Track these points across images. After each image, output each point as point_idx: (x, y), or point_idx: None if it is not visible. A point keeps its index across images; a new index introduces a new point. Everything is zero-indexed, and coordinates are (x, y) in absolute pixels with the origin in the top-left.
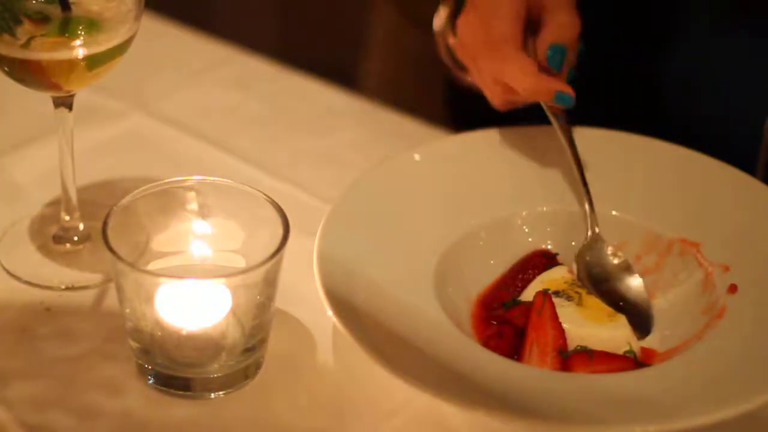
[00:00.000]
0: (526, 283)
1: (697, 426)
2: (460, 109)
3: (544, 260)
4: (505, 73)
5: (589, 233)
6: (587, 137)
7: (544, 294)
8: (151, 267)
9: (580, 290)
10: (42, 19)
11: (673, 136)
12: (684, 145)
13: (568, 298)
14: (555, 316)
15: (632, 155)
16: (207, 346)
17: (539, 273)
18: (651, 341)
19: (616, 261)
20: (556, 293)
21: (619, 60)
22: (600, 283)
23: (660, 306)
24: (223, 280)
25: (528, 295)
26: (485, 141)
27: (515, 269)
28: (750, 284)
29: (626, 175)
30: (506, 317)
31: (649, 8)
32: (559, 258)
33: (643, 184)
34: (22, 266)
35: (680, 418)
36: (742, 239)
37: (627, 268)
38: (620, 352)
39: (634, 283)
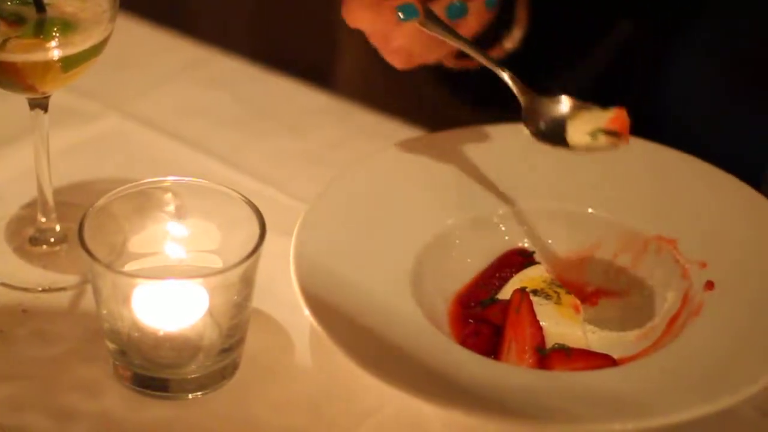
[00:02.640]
0: (503, 281)
1: (675, 423)
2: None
3: (521, 258)
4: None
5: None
6: None
7: (522, 292)
8: (127, 268)
9: (558, 289)
10: (17, 20)
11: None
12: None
13: (546, 297)
14: (533, 314)
15: (608, 153)
16: (184, 347)
17: (516, 271)
18: (630, 337)
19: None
20: (534, 292)
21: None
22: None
23: (637, 303)
24: (199, 280)
25: (506, 293)
26: (461, 140)
27: (492, 268)
28: (727, 281)
29: (602, 173)
30: (484, 315)
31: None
32: (536, 256)
33: (618, 181)
34: None
35: (658, 415)
36: (719, 236)
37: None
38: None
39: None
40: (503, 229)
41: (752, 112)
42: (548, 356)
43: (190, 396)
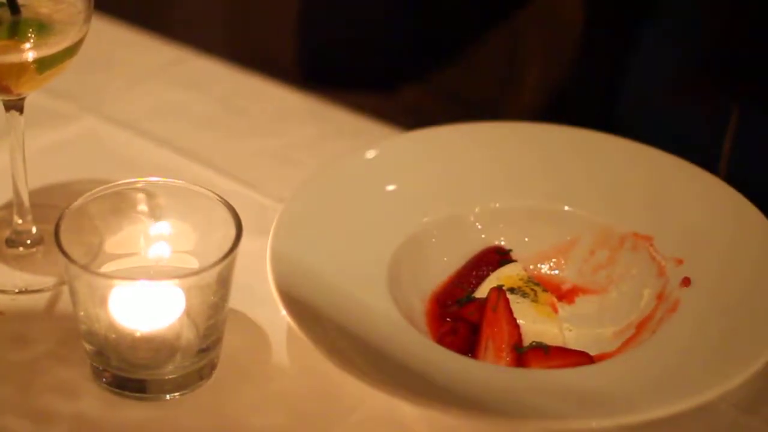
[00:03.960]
0: (480, 279)
1: (653, 419)
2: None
3: (498, 256)
4: None
5: None
6: (539, 132)
7: (499, 290)
8: (104, 269)
9: (535, 287)
10: None
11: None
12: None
13: (523, 295)
14: (510, 312)
15: (583, 150)
16: (161, 348)
17: (493, 269)
18: (607, 334)
19: None
20: (511, 290)
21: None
22: None
23: (614, 300)
24: (176, 281)
25: (482, 291)
26: (437, 138)
27: (469, 266)
28: (703, 277)
29: (578, 170)
30: (460, 314)
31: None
32: (513, 254)
33: (594, 178)
34: None
35: (636, 412)
36: (695, 232)
37: None
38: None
39: None
40: (479, 227)
41: (705, 100)
42: (525, 354)
43: (167, 397)
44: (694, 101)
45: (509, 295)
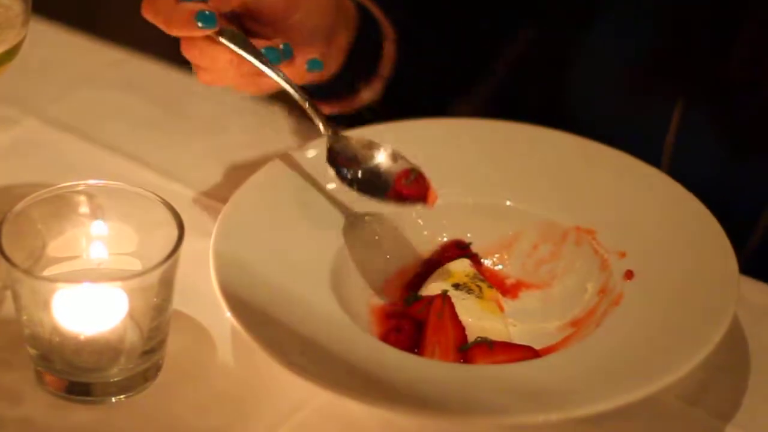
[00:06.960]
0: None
1: (599, 412)
2: None
3: (458, 251)
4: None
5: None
6: (480, 128)
7: (444, 296)
8: (47, 273)
9: (480, 283)
10: None
11: (574, 128)
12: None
13: (469, 291)
14: (455, 317)
15: (524, 144)
16: (106, 351)
17: None
18: (551, 329)
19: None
20: (456, 286)
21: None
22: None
23: (557, 294)
24: (119, 283)
25: (428, 289)
26: (377, 136)
27: (432, 262)
28: (646, 270)
29: (519, 165)
30: (406, 312)
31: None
32: (473, 247)
33: (536, 173)
34: None
35: (581, 405)
36: (637, 224)
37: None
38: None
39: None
40: (421, 223)
41: (652, 104)
42: (471, 350)
43: (113, 399)
44: (638, 94)
45: (455, 292)
